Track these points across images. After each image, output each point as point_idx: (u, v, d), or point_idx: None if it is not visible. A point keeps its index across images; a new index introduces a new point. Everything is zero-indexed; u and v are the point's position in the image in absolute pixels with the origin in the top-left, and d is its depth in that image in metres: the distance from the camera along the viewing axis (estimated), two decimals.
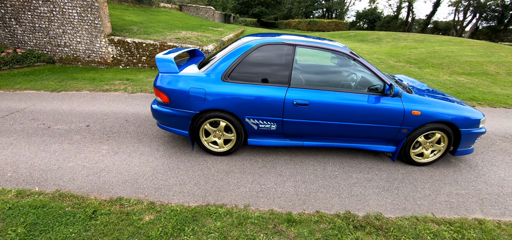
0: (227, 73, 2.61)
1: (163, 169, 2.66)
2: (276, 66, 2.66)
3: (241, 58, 2.62)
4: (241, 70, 2.63)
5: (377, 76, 2.71)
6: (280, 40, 2.69)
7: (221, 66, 2.64)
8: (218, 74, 2.62)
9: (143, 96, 4.80)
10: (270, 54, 2.68)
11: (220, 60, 2.68)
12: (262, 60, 2.67)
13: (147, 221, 1.93)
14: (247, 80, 2.64)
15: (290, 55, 2.65)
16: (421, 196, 2.62)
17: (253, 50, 2.63)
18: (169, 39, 7.34)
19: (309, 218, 2.16)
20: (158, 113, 2.77)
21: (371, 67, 2.72)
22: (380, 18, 40.32)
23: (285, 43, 2.67)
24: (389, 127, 2.80)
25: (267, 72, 2.65)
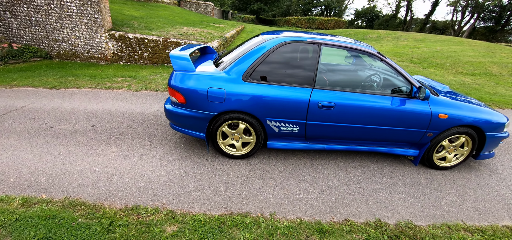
0: (249, 73, 2.45)
1: (179, 173, 2.50)
2: (300, 66, 2.51)
3: (263, 57, 2.46)
4: (263, 70, 2.47)
5: (405, 78, 2.59)
6: (304, 38, 2.53)
7: (241, 65, 2.47)
8: (238, 73, 2.45)
9: (148, 95, 4.60)
10: (294, 53, 2.53)
11: (240, 59, 2.51)
12: (285, 60, 2.51)
13: (170, 233, 1.77)
14: (269, 80, 2.48)
15: (315, 54, 2.50)
16: (448, 202, 2.51)
17: (275, 48, 2.48)
18: (171, 35, 7.11)
19: (341, 228, 2.03)
20: (173, 114, 2.60)
21: (399, 69, 2.59)
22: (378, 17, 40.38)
23: (310, 41, 2.51)
24: (414, 131, 2.69)
25: (291, 72, 2.50)
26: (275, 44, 2.48)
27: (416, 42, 15.11)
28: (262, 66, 2.47)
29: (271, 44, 2.49)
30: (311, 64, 2.50)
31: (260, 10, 35.14)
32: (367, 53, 2.59)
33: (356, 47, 2.60)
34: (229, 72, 2.48)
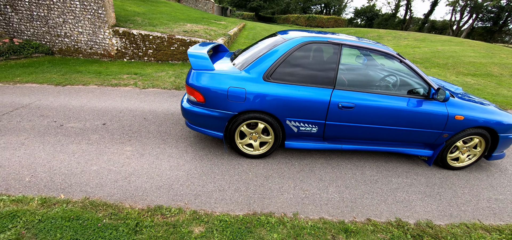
0: (270, 73, 2.42)
1: (198, 173, 2.47)
2: (320, 66, 2.49)
3: (284, 57, 2.44)
4: (284, 70, 2.44)
5: (423, 79, 2.59)
6: (325, 38, 2.51)
7: (262, 64, 2.44)
8: (259, 73, 2.42)
9: (156, 92, 4.54)
10: (314, 54, 2.51)
11: (260, 58, 2.48)
12: (306, 60, 2.49)
13: (198, 234, 1.75)
14: (289, 80, 2.46)
15: (336, 55, 2.49)
16: (463, 201, 2.53)
17: (296, 48, 2.45)
18: (176, 32, 7.02)
19: (364, 227, 2.03)
20: (190, 113, 2.56)
21: (417, 70, 2.59)
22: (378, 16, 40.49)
23: (330, 42, 2.50)
24: (431, 131, 2.70)
25: (311, 73, 2.48)
26: (296, 44, 2.46)
27: (417, 42, 15.19)
28: (283, 66, 2.44)
29: (292, 44, 2.46)
30: (331, 65, 2.48)
31: (260, 7, 34.96)
32: (387, 54, 2.58)
33: (376, 48, 2.59)
34: (250, 72, 2.45)
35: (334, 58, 2.49)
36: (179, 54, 6.68)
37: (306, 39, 2.48)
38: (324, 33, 2.86)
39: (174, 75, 5.52)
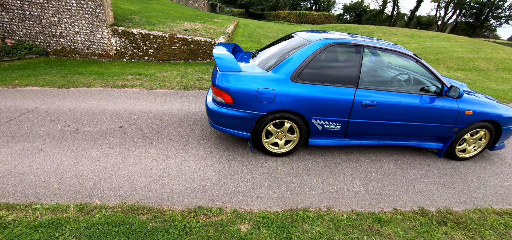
0: (297, 74, 2.48)
1: (228, 173, 2.50)
2: (344, 66, 2.58)
3: (310, 58, 2.50)
4: (310, 71, 2.51)
5: (437, 78, 2.74)
6: (348, 40, 2.60)
7: (289, 65, 2.50)
8: (287, 74, 2.48)
9: (165, 93, 4.49)
10: (338, 55, 2.60)
11: (287, 60, 2.54)
12: (331, 61, 2.57)
13: (246, 231, 1.80)
14: (316, 80, 2.53)
15: (358, 56, 2.58)
16: (473, 189, 2.71)
17: (322, 50, 2.52)
18: (177, 31, 6.92)
19: (393, 217, 2.15)
20: (218, 114, 2.58)
21: (432, 69, 2.74)
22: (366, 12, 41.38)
23: (353, 43, 2.59)
24: (443, 126, 2.87)
25: (336, 73, 2.56)
26: (321, 46, 2.53)
27: (406, 37, 15.69)
28: (309, 67, 2.51)
29: (317, 46, 2.53)
30: (354, 65, 2.58)
31: (250, 4, 34.81)
32: (405, 55, 2.71)
33: (395, 49, 2.70)
34: (278, 73, 2.50)
35: (356, 58, 2.58)
36: (181, 54, 6.60)
37: (330, 41, 2.56)
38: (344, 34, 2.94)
39: (180, 75, 5.46)
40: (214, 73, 2.63)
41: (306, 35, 2.92)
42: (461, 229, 2.10)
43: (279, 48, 2.89)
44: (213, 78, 2.57)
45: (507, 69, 9.02)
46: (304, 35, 2.93)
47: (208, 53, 6.73)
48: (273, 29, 15.87)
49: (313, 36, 2.72)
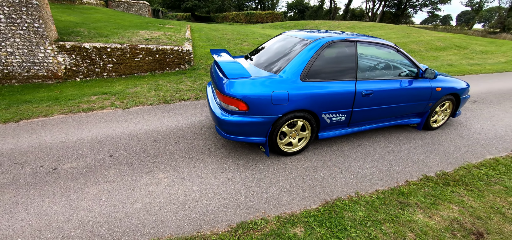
0: (305, 73, 2.56)
1: (253, 182, 2.44)
2: (344, 62, 2.77)
3: (315, 57, 2.61)
4: (316, 69, 2.62)
5: (414, 63, 3.18)
6: (343, 37, 2.80)
7: (297, 66, 2.56)
8: (296, 74, 2.53)
9: (146, 110, 4.07)
10: (338, 51, 2.77)
11: (293, 60, 2.59)
12: (332, 57, 2.73)
13: (302, 234, 1.79)
14: (322, 78, 2.65)
15: (353, 51, 2.80)
16: (451, 151, 3.24)
17: (324, 48, 2.65)
18: (136, 41, 6.30)
19: (410, 188, 2.43)
20: (231, 124, 2.47)
21: (409, 56, 3.17)
22: (308, 8, 44.58)
23: (348, 40, 2.80)
24: (422, 103, 3.35)
25: (338, 68, 2.73)
26: (322, 44, 2.66)
27: (348, 29, 17.51)
28: (315, 65, 2.61)
29: (319, 45, 2.65)
30: (352, 60, 2.79)
31: (195, 7, 33.78)
32: (388, 46, 3.07)
33: (381, 42, 3.03)
34: (288, 74, 2.53)
35: (352, 54, 2.80)
36: (146, 65, 6.05)
37: (329, 39, 2.71)
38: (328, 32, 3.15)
39: (153, 89, 5.01)
40: (219, 81, 2.52)
41: (300, 34, 3.03)
42: (461, 186, 2.50)
43: (276, 49, 2.94)
44: (221, 87, 2.46)
45: (433, 49, 10.92)
46: (298, 34, 3.04)
47: (176, 62, 6.34)
48: (227, 31, 15.78)
49: (310, 36, 2.84)
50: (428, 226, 1.97)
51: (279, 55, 2.84)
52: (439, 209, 2.16)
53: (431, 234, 1.90)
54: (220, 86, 2.50)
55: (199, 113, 3.96)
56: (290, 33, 3.29)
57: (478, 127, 3.92)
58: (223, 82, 2.47)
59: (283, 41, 3.16)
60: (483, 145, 3.40)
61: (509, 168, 2.83)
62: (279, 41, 3.24)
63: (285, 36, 3.27)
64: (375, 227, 1.94)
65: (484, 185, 2.51)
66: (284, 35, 3.33)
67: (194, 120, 3.72)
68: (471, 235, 1.89)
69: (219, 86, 2.53)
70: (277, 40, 3.32)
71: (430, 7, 34.36)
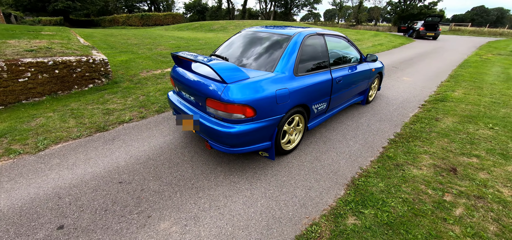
0: (296, 68, 2.55)
1: (275, 192, 2.22)
2: (319, 53, 2.93)
3: (299, 51, 2.62)
4: (302, 63, 2.65)
5: (359, 50, 3.79)
6: (313, 31, 2.96)
7: (289, 62, 2.50)
8: (290, 69, 2.48)
9: (73, 147, 2.90)
10: (313, 43, 2.89)
11: (283, 56, 2.51)
12: (311, 50, 2.83)
13: (359, 222, 1.78)
14: (307, 70, 2.70)
15: (324, 43, 3.02)
16: (390, 116, 4.11)
17: (303, 42, 2.71)
18: (12, 53, 4.34)
19: (390, 152, 2.90)
20: (237, 135, 2.13)
21: (355, 45, 3.75)
22: (207, 9, 44.21)
23: (318, 33, 3.01)
24: (366, 82, 4.05)
25: (316, 61, 2.86)
26: (302, 39, 2.71)
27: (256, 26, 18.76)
28: (300, 60, 2.63)
29: (299, 39, 2.68)
30: (324, 51, 3.00)
31: (69, 9, 26.87)
32: (342, 37, 3.53)
33: (337, 34, 3.42)
34: (283, 71, 2.43)
35: (323, 45, 3.02)
36: (41, 86, 4.31)
37: (305, 33, 2.81)
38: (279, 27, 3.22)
39: (68, 116, 3.62)
40: (212, 88, 2.13)
41: (268, 30, 2.99)
42: (416, 140, 3.21)
43: (250, 47, 2.82)
44: (217, 94, 2.08)
45: None
46: (266, 30, 3.00)
47: (87, 76, 4.85)
48: (128, 35, 13.59)
49: (284, 31, 2.86)
50: (425, 176, 2.42)
51: (260, 52, 2.70)
52: (420, 161, 2.70)
53: (431, 182, 2.34)
54: (215, 94, 2.10)
55: (159, 134, 3.21)
56: (252, 29, 3.20)
57: (391, 95, 5.13)
58: (221, 87, 2.08)
59: (251, 37, 3.02)
60: (403, 107, 4.49)
61: (429, 119, 3.87)
62: (246, 37, 3.07)
63: (252, 32, 3.14)
64: (399, 190, 2.20)
65: (426, 135, 3.33)
66: (249, 32, 3.19)
67: (158, 143, 2.98)
68: (449, 172, 2.47)
69: (213, 93, 2.12)
70: (243, 36, 3.14)
71: (309, 7, 42.29)
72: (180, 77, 2.61)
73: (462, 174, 2.45)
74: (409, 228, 1.81)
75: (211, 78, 2.21)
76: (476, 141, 3.09)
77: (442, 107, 4.37)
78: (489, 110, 4.15)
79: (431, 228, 1.82)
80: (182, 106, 2.64)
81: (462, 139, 3.16)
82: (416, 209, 1.99)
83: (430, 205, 2.03)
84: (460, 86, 5.77)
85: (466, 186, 2.27)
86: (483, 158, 2.71)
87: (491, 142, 3.07)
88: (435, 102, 4.65)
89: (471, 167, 2.57)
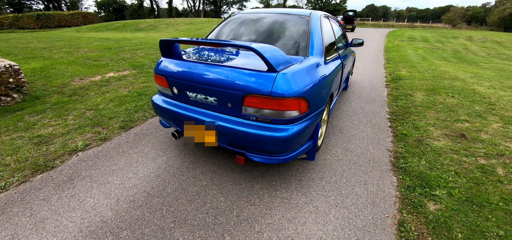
0: (325, 52, 2.26)
1: (336, 196, 1.87)
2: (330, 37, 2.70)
3: (322, 34, 2.33)
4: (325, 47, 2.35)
5: (346, 36, 3.79)
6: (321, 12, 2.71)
7: (319, 45, 2.19)
8: (322, 54, 2.17)
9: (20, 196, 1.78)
10: (327, 26, 2.65)
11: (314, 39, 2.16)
12: (327, 33, 2.58)
13: (444, 201, 1.63)
14: (328, 55, 2.41)
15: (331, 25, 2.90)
16: (368, 96, 4.33)
17: (321, 23, 2.42)
18: None
19: (398, 129, 2.97)
20: (293, 137, 1.65)
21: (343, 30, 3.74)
22: (126, 7, 38.40)
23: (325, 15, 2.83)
24: (351, 66, 4.12)
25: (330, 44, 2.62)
26: (319, 19, 2.45)
27: (188, 25, 17.53)
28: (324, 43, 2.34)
29: (318, 20, 2.40)
30: (333, 35, 2.81)
31: None
32: (338, 22, 3.39)
33: (335, 18, 3.27)
34: (318, 55, 2.08)
35: (331, 29, 2.83)
36: None
37: (319, 14, 2.57)
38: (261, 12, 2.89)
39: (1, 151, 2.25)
40: (253, 81, 1.58)
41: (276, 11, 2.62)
42: (410, 116, 3.38)
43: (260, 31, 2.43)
44: (262, 86, 1.56)
45: None
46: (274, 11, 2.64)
47: (11, 85, 3.24)
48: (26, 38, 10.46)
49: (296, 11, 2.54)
50: (448, 146, 2.52)
51: (280, 36, 2.29)
52: (431, 133, 2.83)
53: (457, 150, 2.44)
54: (261, 88, 1.57)
55: (144, 158, 2.33)
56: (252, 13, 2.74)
57: (357, 79, 5.48)
58: (270, 78, 1.56)
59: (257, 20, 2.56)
60: (374, 88, 4.80)
61: (404, 95, 4.23)
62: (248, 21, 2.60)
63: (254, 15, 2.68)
64: (442, 164, 2.20)
65: (415, 110, 3.59)
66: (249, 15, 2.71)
67: (150, 171, 2.14)
68: (461, 138, 2.66)
69: (257, 88, 1.58)
70: (243, 21, 2.64)
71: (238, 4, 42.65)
72: (188, 74, 1.87)
73: (471, 137, 2.68)
74: (486, 198, 1.78)
75: (249, 69, 1.65)
76: (454, 109, 3.52)
77: (403, 84, 4.91)
78: (437, 83, 4.90)
79: (497, 192, 1.84)
80: (188, 112, 1.93)
81: (442, 109, 3.54)
82: (471, 178, 2.01)
83: (477, 172, 2.08)
84: (400, 67, 6.72)
85: (483, 147, 2.48)
86: (471, 122, 3.08)
87: (463, 107, 3.56)
88: (395, 81, 5.20)
89: (471, 130, 2.86)
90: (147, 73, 5.24)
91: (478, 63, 8.25)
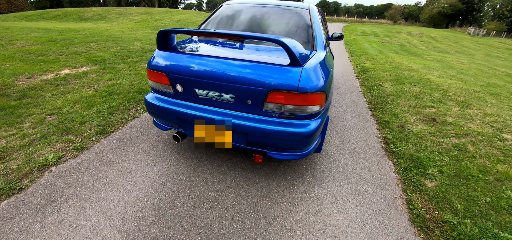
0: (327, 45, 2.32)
1: (348, 185, 1.96)
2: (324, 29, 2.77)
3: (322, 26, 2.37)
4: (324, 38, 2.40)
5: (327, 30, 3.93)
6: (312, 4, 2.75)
7: (323, 37, 2.24)
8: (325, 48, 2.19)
9: None
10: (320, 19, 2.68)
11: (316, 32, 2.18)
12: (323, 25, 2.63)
13: (437, 184, 1.84)
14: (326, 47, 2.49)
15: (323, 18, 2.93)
16: (347, 90, 4.63)
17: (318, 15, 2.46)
18: None
19: (392, 120, 3.25)
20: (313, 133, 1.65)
21: None
22: None
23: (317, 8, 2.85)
24: None
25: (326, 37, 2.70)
26: (316, 11, 2.50)
27: (144, 15, 16.12)
28: None
29: (315, 12, 2.44)
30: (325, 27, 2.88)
31: None
32: None
33: None
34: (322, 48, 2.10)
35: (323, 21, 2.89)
36: None
37: (314, 6, 2.59)
38: None
39: None
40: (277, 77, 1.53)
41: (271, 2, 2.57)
42: (387, 104, 3.72)
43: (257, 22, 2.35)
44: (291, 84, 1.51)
45: None
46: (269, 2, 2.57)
47: None
48: None
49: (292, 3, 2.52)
50: (425, 129, 2.85)
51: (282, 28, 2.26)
52: (409, 119, 3.15)
53: (433, 133, 2.77)
54: (287, 83, 1.51)
55: (138, 166, 2.07)
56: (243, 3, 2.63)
57: None
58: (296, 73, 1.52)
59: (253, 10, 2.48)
60: (347, 80, 5.14)
61: (375, 86, 4.62)
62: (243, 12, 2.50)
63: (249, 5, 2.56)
64: (425, 146, 2.48)
65: (388, 98, 3.95)
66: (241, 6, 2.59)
67: (152, 180, 1.91)
68: (433, 122, 3.04)
69: (282, 83, 1.52)
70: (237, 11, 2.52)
71: None
72: (198, 69, 1.69)
73: (440, 121, 3.08)
74: (468, 172, 2.07)
75: (271, 64, 1.58)
76: (419, 96, 3.99)
77: (371, 76, 5.37)
78: (398, 74, 5.49)
79: (474, 166, 2.16)
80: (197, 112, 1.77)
81: (411, 97, 3.98)
82: (452, 156, 2.32)
83: (455, 151, 2.41)
84: (363, 59, 7.32)
85: (452, 128, 2.87)
86: (436, 107, 3.54)
87: (425, 95, 4.06)
88: (363, 73, 5.65)
89: (438, 114, 3.28)
90: (112, 69, 4.64)
91: (422, 55, 9.52)
